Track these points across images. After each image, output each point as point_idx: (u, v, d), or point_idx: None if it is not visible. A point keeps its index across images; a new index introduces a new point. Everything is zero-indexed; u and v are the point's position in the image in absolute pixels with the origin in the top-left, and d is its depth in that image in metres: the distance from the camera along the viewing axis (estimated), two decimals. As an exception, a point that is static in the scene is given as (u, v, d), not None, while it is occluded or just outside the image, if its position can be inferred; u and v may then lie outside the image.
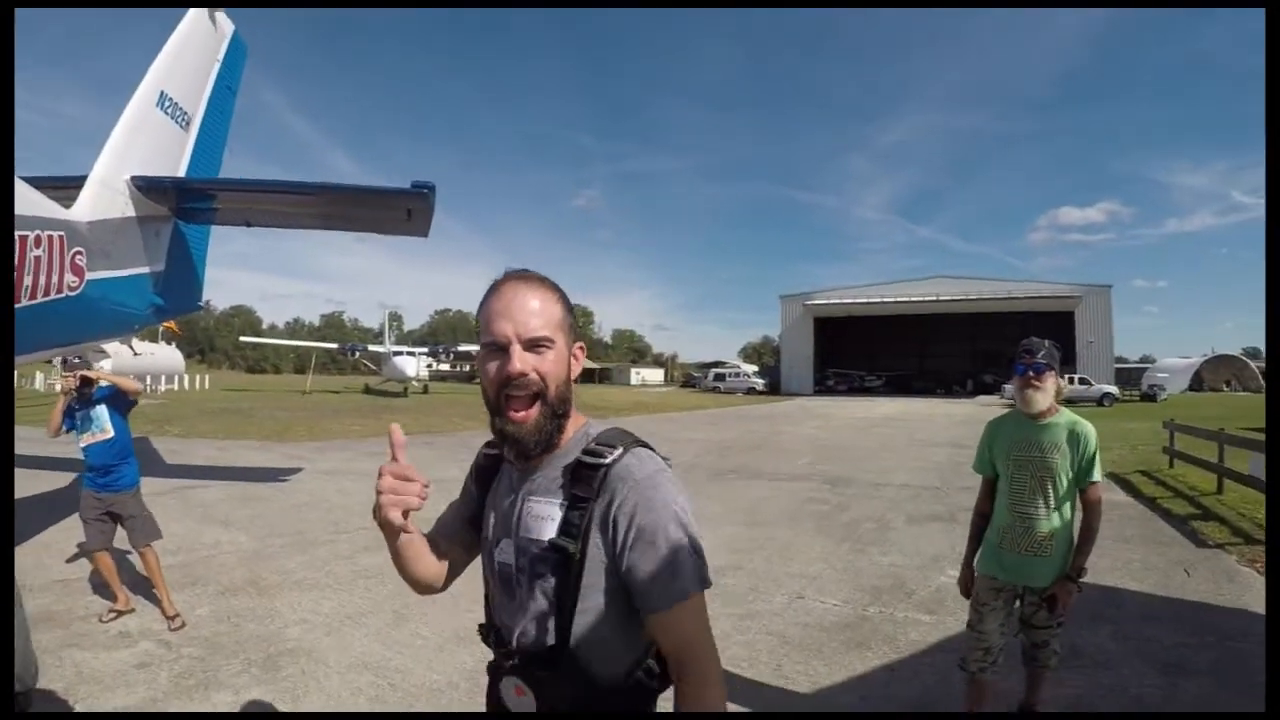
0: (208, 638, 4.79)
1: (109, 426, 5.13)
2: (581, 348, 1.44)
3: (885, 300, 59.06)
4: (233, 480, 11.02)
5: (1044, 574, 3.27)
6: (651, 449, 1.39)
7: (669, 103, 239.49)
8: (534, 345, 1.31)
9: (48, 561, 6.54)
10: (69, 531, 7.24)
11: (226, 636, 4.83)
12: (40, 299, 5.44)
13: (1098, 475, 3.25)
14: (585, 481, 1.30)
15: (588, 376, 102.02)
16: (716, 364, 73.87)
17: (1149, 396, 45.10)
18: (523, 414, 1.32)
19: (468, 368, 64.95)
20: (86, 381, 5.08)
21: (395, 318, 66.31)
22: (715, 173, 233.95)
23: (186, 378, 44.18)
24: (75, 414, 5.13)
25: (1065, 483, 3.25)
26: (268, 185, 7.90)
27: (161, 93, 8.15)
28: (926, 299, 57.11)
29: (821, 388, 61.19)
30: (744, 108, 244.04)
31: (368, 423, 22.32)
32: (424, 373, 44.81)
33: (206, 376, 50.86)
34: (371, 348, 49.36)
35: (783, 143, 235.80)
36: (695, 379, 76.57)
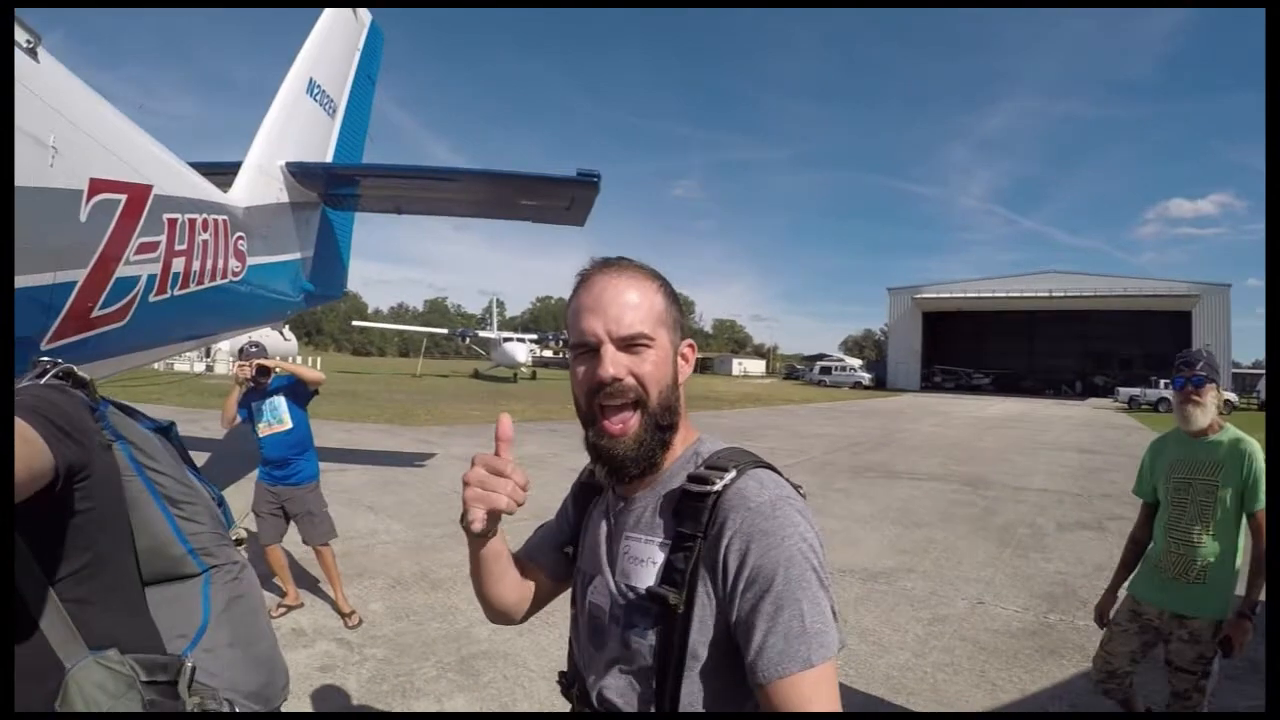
0: (390, 637, 4.57)
1: (286, 418, 4.97)
2: (691, 345, 1.21)
3: (995, 295, 56.77)
4: (369, 465, 11.14)
5: (1196, 604, 2.97)
6: (777, 472, 1.12)
7: (767, 92, 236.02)
8: (630, 344, 1.09)
9: None
10: None
11: (411, 636, 4.60)
12: (208, 284, 5.41)
13: (1265, 498, 2.88)
14: (692, 515, 1.06)
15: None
16: (820, 356, 72.77)
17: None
18: (619, 426, 1.10)
19: (572, 354, 65.87)
20: (263, 371, 4.93)
21: (499, 304, 67.71)
22: (813, 162, 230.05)
23: (300, 360, 46.42)
24: (251, 404, 5.02)
25: (1229, 506, 2.95)
26: (427, 172, 7.81)
27: (310, 79, 8.17)
28: (1038, 294, 54.80)
29: (928, 384, 60.00)
30: (842, 97, 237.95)
31: (486, 408, 22.72)
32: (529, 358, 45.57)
33: (318, 359, 53.20)
34: (481, 334, 50.59)
35: (881, 132, 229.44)
36: (799, 371, 75.84)
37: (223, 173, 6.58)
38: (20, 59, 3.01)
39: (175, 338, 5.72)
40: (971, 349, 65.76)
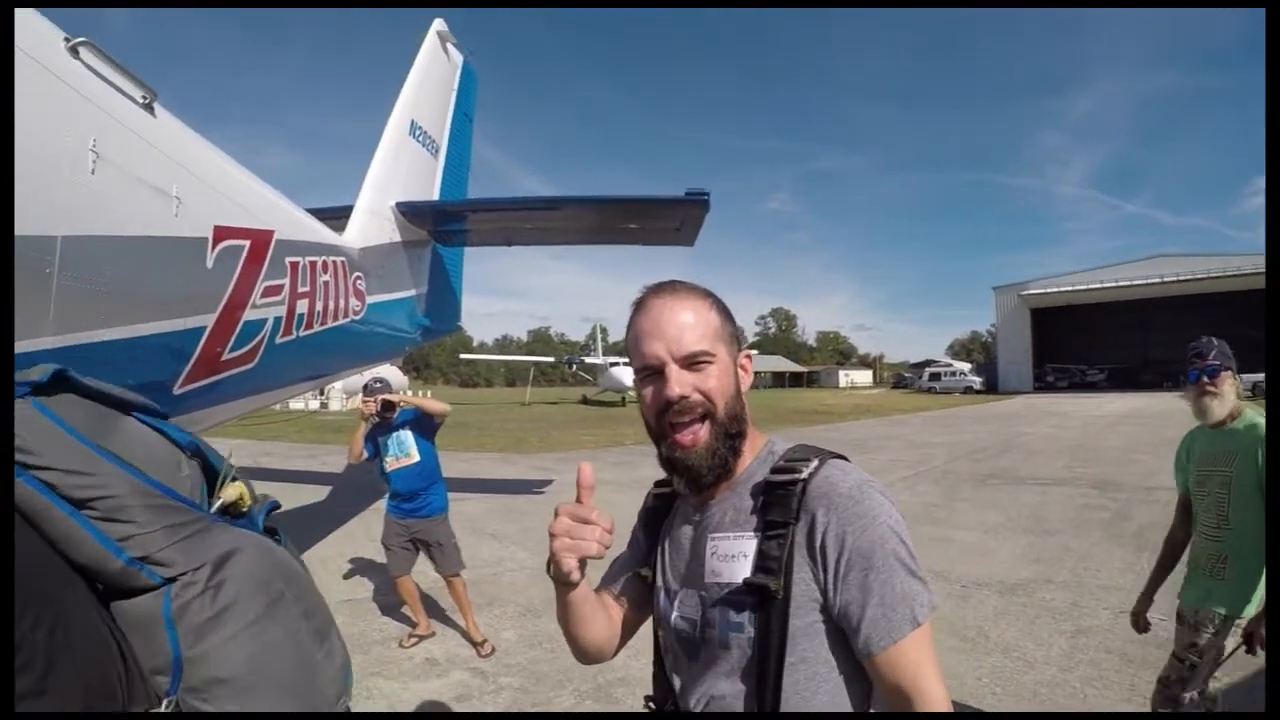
0: (524, 665, 4.49)
1: (414, 451, 4.99)
2: (749, 356, 1.26)
3: (1104, 285, 53.17)
4: (489, 493, 11.27)
5: (1211, 597, 2.89)
6: (844, 458, 1.18)
7: (846, 99, 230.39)
8: (692, 362, 1.15)
9: (326, 578, 6.73)
10: (340, 546, 7.60)
11: (545, 664, 4.51)
12: (330, 324, 5.52)
13: None
14: (780, 503, 1.11)
15: (795, 380, 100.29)
16: (928, 363, 70.43)
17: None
18: (690, 437, 1.15)
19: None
20: (388, 406, 4.98)
21: (602, 330, 68.67)
22: (904, 165, 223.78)
23: (410, 393, 48.37)
24: (377, 439, 5.05)
25: (1249, 495, 2.79)
26: (534, 202, 7.85)
27: (412, 122, 8.41)
28: (1149, 280, 51.12)
29: (1041, 384, 57.01)
30: (926, 96, 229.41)
31: (597, 433, 22.84)
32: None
33: (428, 392, 54.88)
34: (588, 360, 51.34)
35: (968, 127, 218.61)
36: (907, 379, 73.63)
37: (336, 217, 6.79)
38: (138, 114, 3.08)
39: (300, 377, 5.86)
40: (1083, 344, 61.58)
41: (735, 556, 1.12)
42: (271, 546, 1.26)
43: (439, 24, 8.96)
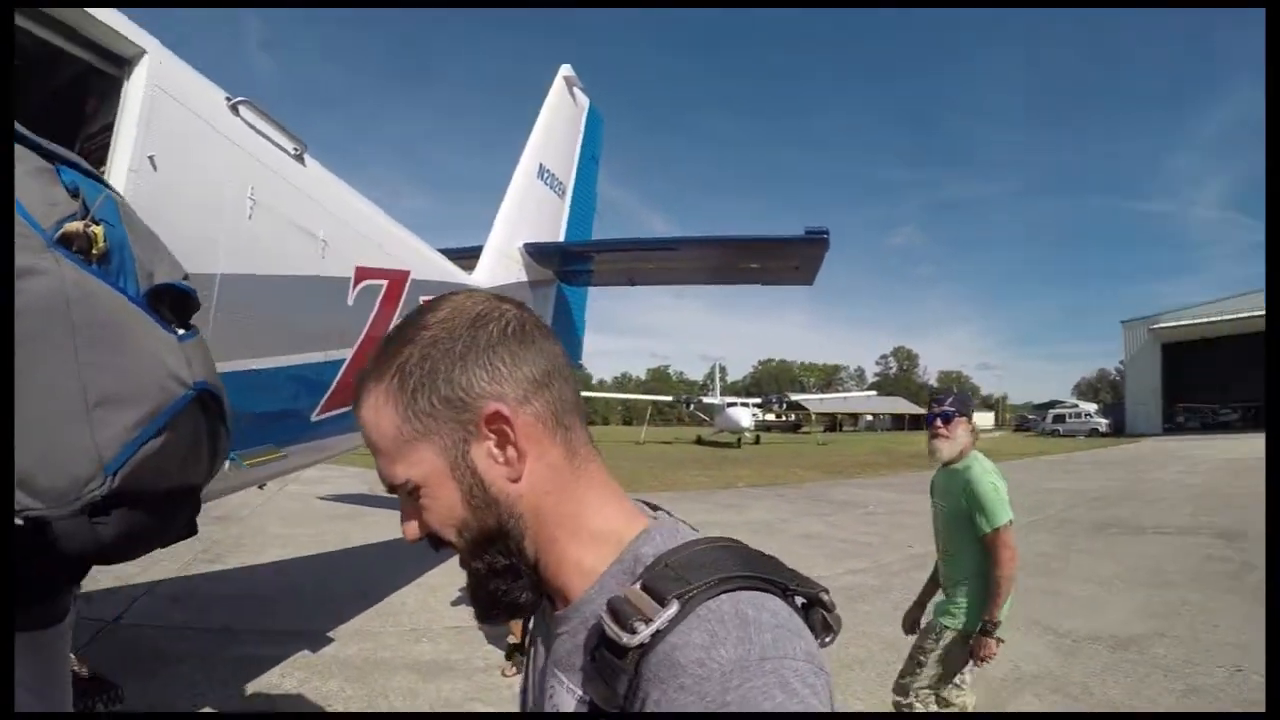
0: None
1: None
2: (499, 414, 0.73)
3: (1239, 315, 47.10)
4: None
5: (943, 612, 3.35)
6: (770, 587, 0.67)
7: (972, 123, 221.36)
8: (402, 494, 0.78)
9: (435, 605, 6.92)
10: (451, 576, 7.72)
11: None
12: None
13: (995, 520, 3.14)
14: (605, 676, 0.65)
15: (915, 423, 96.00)
16: (1052, 404, 65.56)
17: None
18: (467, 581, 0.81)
19: (793, 417, 65.09)
20: None
21: (720, 369, 68.50)
22: (1033, 190, 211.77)
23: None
24: None
25: (961, 527, 3.27)
26: (655, 243, 7.99)
27: (540, 164, 8.70)
28: None
29: (1171, 425, 51.38)
30: (1053, 118, 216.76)
31: (712, 474, 22.65)
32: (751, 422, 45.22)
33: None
34: (705, 399, 51.21)
35: (1098, 150, 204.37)
36: (1030, 421, 69.16)
37: (466, 257, 7.08)
38: (290, 163, 3.33)
39: (428, 410, 6.06)
40: (1217, 381, 54.97)
41: (559, 710, 0.75)
42: (89, 290, 1.30)
43: (566, 69, 9.30)
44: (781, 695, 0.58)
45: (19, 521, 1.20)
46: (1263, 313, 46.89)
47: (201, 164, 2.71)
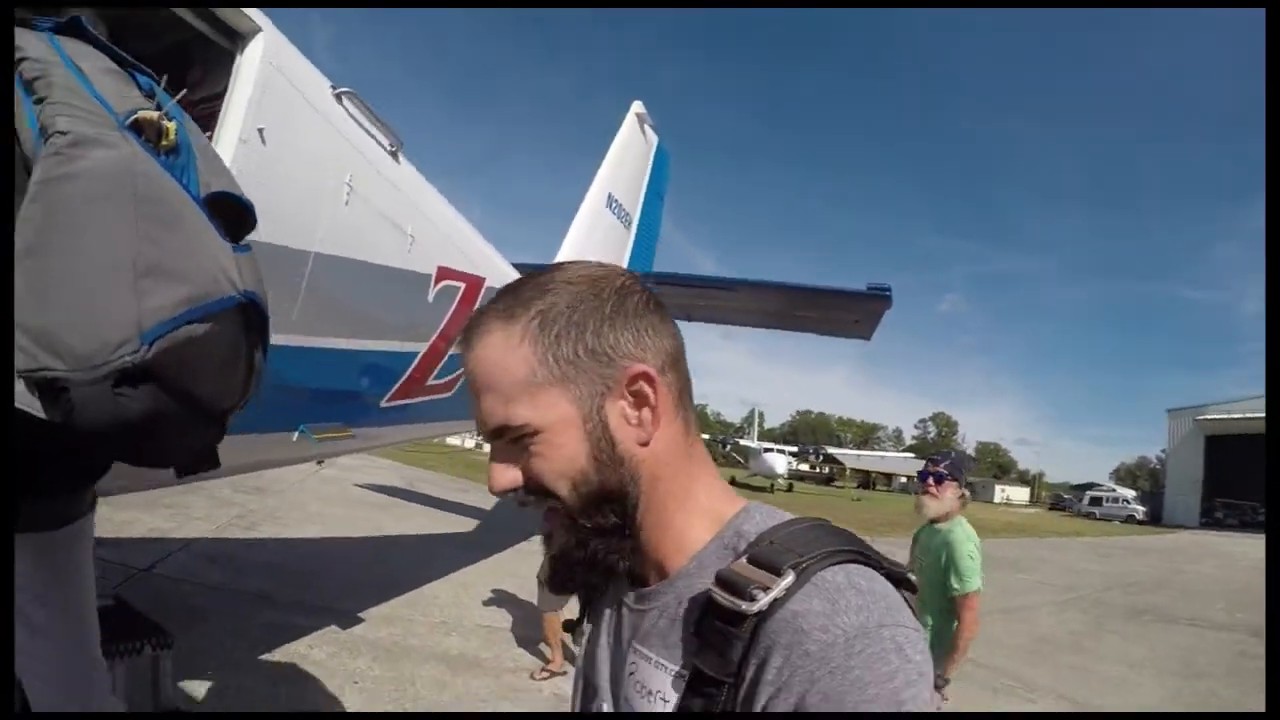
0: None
1: None
2: (644, 374, 0.74)
3: None
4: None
5: None
6: (870, 561, 0.69)
7: (1031, 199, 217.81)
8: (508, 439, 0.76)
9: (467, 602, 6.97)
10: (484, 576, 7.88)
11: None
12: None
13: (966, 585, 3.28)
14: (717, 646, 0.66)
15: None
16: (1089, 485, 63.48)
17: None
18: (548, 527, 0.77)
19: (828, 470, 64.20)
20: None
21: (759, 415, 68.03)
22: (1082, 269, 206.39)
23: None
24: None
25: (934, 585, 3.37)
26: (719, 282, 8.05)
27: (609, 194, 8.98)
28: None
29: (1208, 519, 49.24)
30: (1097, 198, 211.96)
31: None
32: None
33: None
34: (741, 441, 50.95)
35: (1145, 234, 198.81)
36: (1066, 501, 67.16)
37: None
38: (386, 158, 3.42)
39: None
40: (1259, 478, 52.97)
41: (653, 695, 0.73)
42: (154, 172, 1.32)
43: (638, 105, 9.57)
44: (897, 660, 0.61)
45: (31, 381, 1.11)
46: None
47: (306, 145, 2.77)
